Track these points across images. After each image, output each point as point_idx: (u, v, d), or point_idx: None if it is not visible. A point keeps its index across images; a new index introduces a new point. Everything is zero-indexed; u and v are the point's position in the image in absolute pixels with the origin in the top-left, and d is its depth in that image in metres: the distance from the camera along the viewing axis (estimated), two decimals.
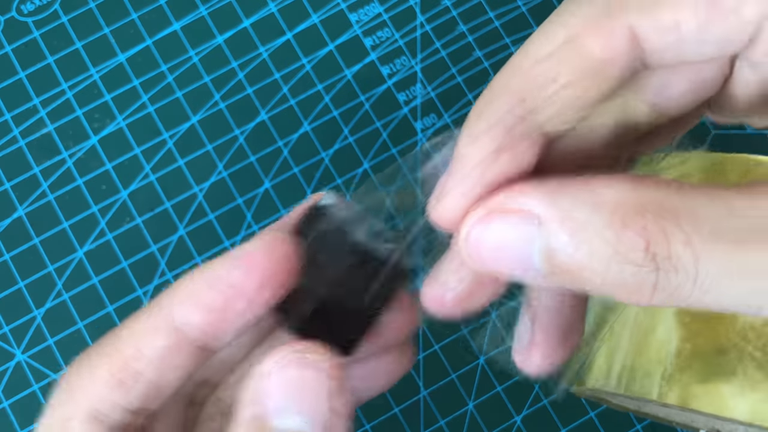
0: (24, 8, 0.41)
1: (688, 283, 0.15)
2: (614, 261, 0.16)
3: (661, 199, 0.16)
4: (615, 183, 0.16)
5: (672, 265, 0.15)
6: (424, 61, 0.41)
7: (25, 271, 0.38)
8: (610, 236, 0.16)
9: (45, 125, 0.40)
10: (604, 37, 0.17)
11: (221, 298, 0.20)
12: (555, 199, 0.16)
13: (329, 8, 0.42)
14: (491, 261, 0.17)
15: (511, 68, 0.18)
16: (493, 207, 0.17)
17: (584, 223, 0.16)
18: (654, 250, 0.15)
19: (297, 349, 0.19)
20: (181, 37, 0.41)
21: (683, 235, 0.15)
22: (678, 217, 0.15)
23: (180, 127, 0.40)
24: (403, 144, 0.40)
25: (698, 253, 0.15)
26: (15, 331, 0.38)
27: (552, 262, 0.16)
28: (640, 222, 0.15)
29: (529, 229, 0.16)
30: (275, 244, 0.20)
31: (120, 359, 0.20)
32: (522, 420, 0.37)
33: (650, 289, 0.16)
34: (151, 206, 0.39)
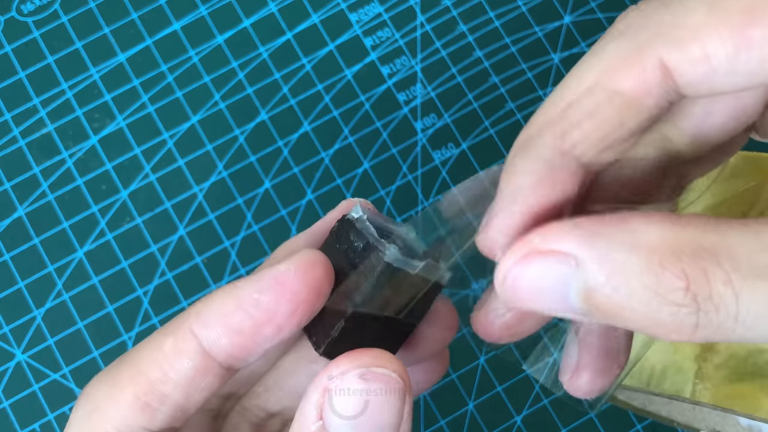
0: (24, 8, 0.41)
1: (730, 320, 0.16)
2: (654, 302, 0.16)
3: (699, 238, 0.16)
4: (651, 223, 0.16)
5: (713, 305, 0.15)
6: (424, 61, 0.41)
7: (25, 271, 0.38)
8: (648, 278, 0.16)
9: (45, 125, 0.40)
10: (636, 72, 0.17)
11: (251, 323, 0.19)
12: (591, 241, 0.16)
13: (329, 8, 0.42)
14: (529, 301, 0.17)
15: (550, 105, 0.19)
16: (529, 249, 0.17)
17: (622, 264, 0.16)
18: (694, 290, 0.15)
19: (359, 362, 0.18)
20: (181, 37, 0.41)
21: (723, 274, 0.15)
22: (717, 256, 0.16)
23: (180, 127, 0.40)
24: (403, 144, 0.40)
25: (738, 291, 0.15)
26: (15, 331, 0.38)
27: (590, 302, 0.17)
28: (678, 264, 0.16)
29: (566, 270, 0.16)
30: (310, 267, 0.19)
31: (145, 382, 0.19)
32: (522, 420, 0.37)
33: (691, 328, 0.16)
34: (151, 206, 0.39)
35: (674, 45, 0.17)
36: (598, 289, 0.16)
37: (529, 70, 0.41)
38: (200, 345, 0.19)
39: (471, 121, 0.40)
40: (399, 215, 0.39)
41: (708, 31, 0.17)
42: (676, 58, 0.17)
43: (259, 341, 0.19)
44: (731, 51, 0.16)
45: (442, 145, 0.40)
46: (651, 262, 0.16)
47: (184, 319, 0.20)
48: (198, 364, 0.19)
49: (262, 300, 0.19)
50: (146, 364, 0.20)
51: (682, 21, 0.17)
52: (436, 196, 0.40)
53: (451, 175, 0.40)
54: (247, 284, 0.19)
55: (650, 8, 0.18)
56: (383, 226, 0.21)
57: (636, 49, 0.17)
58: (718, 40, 0.16)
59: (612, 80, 0.18)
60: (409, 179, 0.40)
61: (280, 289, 0.19)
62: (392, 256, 0.19)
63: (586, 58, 0.18)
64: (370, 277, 0.19)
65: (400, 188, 0.40)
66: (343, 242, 0.20)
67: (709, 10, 0.17)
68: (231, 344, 0.19)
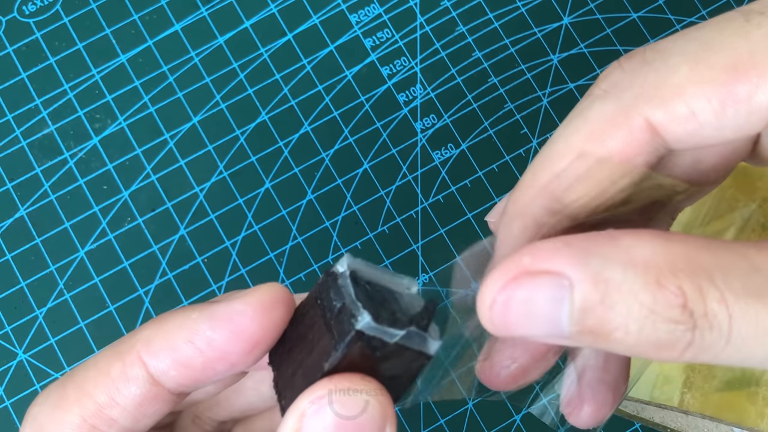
0: (26, 9, 0.42)
1: (722, 340, 0.16)
2: (649, 320, 0.15)
3: (692, 256, 0.16)
4: (643, 239, 0.16)
5: (708, 323, 0.15)
6: (423, 62, 0.41)
7: (26, 270, 0.39)
8: (645, 297, 0.15)
9: (46, 125, 0.40)
10: (623, 134, 0.17)
11: (201, 359, 0.18)
12: (585, 259, 0.16)
13: (329, 9, 0.42)
14: (517, 326, 0.17)
15: (540, 166, 0.18)
16: (519, 269, 0.16)
17: (618, 283, 0.15)
18: (692, 307, 0.15)
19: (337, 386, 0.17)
20: (182, 37, 0.41)
21: (717, 293, 0.15)
22: (711, 274, 0.15)
23: (181, 127, 0.40)
24: (403, 144, 0.40)
25: (732, 311, 0.15)
26: (17, 331, 0.38)
27: (583, 324, 0.16)
28: (675, 281, 0.15)
29: (559, 291, 0.16)
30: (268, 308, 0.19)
31: (92, 405, 0.19)
32: (521, 419, 0.37)
33: (683, 347, 0.16)
34: (152, 206, 0.39)
35: (659, 104, 0.17)
36: (592, 309, 0.16)
37: (528, 70, 0.41)
38: (148, 373, 0.19)
39: (470, 122, 0.41)
40: (399, 215, 0.39)
41: (692, 89, 0.16)
42: (663, 117, 0.17)
43: (209, 375, 0.19)
44: (717, 107, 0.16)
45: (442, 146, 0.40)
46: (648, 279, 0.15)
47: (133, 343, 0.19)
48: (146, 391, 0.19)
49: (215, 338, 0.18)
50: (93, 387, 0.19)
51: (665, 80, 0.17)
52: (435, 197, 0.40)
53: (450, 175, 0.40)
54: (201, 318, 0.18)
55: (633, 67, 0.18)
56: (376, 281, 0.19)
57: (622, 110, 0.17)
58: (704, 97, 0.16)
59: (600, 143, 0.18)
60: (409, 179, 0.40)
61: (234, 329, 0.18)
62: (365, 323, 0.17)
63: (572, 118, 0.18)
64: (341, 344, 0.17)
65: (400, 188, 0.40)
66: (323, 298, 0.19)
67: (692, 68, 0.17)
68: (180, 376, 0.19)
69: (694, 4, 0.42)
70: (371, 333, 0.17)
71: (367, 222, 0.39)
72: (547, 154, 0.19)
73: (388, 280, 0.19)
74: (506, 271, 0.16)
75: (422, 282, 0.39)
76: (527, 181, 0.19)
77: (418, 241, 0.39)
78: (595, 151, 0.18)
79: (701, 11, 0.42)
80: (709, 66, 0.16)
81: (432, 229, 0.39)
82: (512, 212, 0.19)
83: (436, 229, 0.39)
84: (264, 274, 0.39)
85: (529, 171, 0.19)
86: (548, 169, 0.18)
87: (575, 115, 0.18)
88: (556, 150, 0.18)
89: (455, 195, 0.40)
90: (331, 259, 0.39)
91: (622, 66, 0.18)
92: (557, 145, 0.18)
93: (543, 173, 0.18)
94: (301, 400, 0.18)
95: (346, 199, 0.40)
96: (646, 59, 0.18)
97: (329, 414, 0.17)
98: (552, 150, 0.19)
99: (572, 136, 0.18)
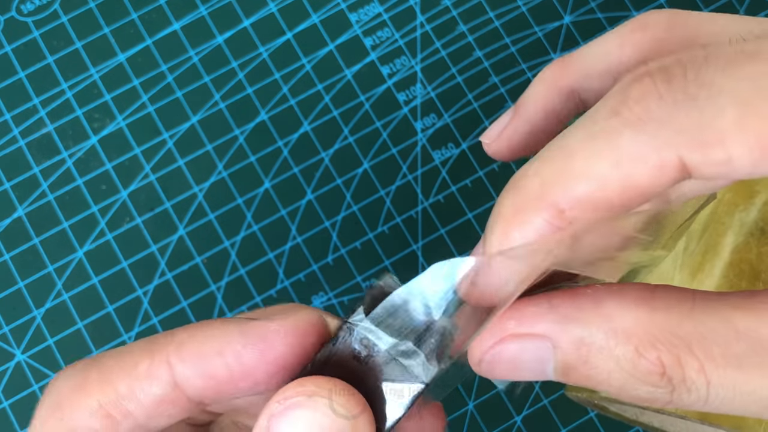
0: (24, 8, 0.41)
1: (700, 402, 0.17)
2: (630, 382, 0.17)
3: (674, 326, 0.16)
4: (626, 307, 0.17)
5: (686, 388, 0.16)
6: (424, 61, 0.41)
7: (24, 271, 0.38)
8: (625, 364, 0.16)
9: (45, 125, 0.40)
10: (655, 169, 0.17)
11: (227, 373, 0.19)
12: (568, 326, 0.17)
13: (329, 8, 0.42)
14: (506, 376, 0.18)
15: (552, 175, 0.18)
16: (504, 333, 0.18)
17: (599, 348, 0.17)
18: (670, 374, 0.16)
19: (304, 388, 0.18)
20: (181, 36, 0.41)
21: (696, 363, 0.16)
22: (690, 345, 0.16)
23: (180, 127, 0.40)
24: (403, 144, 0.40)
25: (709, 379, 0.16)
26: (15, 331, 0.38)
27: (566, 377, 0.17)
28: (654, 352, 0.16)
29: (543, 351, 0.17)
30: (302, 333, 0.19)
31: (112, 393, 0.19)
32: (522, 420, 0.37)
33: (664, 403, 0.17)
34: (151, 206, 0.39)
35: (698, 147, 0.16)
36: (575, 368, 0.17)
37: (528, 70, 0.41)
38: (173, 377, 0.19)
39: (471, 121, 0.40)
40: (399, 215, 0.39)
41: (735, 136, 0.16)
42: (699, 161, 0.16)
43: (231, 391, 0.19)
44: (757, 157, 0.16)
45: (442, 145, 0.40)
46: (627, 349, 0.16)
47: (166, 344, 0.19)
48: (166, 394, 0.19)
49: (245, 354, 0.18)
50: (117, 377, 0.19)
51: (709, 122, 0.16)
52: (436, 197, 0.40)
53: (450, 175, 0.40)
54: (235, 332, 0.19)
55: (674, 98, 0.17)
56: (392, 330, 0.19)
57: (656, 147, 0.17)
58: (746, 146, 0.16)
59: (626, 173, 0.17)
60: (409, 179, 0.40)
61: (265, 349, 0.18)
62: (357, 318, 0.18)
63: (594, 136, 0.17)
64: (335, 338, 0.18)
65: (400, 188, 0.40)
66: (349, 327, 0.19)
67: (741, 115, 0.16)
68: (203, 386, 0.19)
69: (695, 4, 0.42)
70: (362, 330, 0.18)
71: (367, 222, 0.39)
72: (562, 167, 0.18)
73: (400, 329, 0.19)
74: (492, 335, 0.18)
75: None
76: (534, 189, 0.18)
77: (418, 241, 0.39)
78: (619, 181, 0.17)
79: (702, 10, 0.42)
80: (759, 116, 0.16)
81: (432, 229, 0.39)
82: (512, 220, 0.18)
83: (436, 229, 0.39)
84: (263, 274, 0.39)
85: (537, 177, 0.18)
86: (562, 187, 0.17)
87: (599, 132, 0.17)
88: (574, 168, 0.17)
89: (455, 195, 0.40)
90: (331, 259, 0.39)
91: (659, 92, 0.17)
92: (576, 163, 0.17)
93: (555, 189, 0.17)
94: (272, 400, 0.18)
95: (346, 199, 0.39)
96: (688, 92, 0.17)
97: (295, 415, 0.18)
98: (570, 167, 0.17)
99: (596, 160, 0.17)
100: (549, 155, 0.18)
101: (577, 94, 0.23)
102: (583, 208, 0.17)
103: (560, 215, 0.17)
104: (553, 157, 0.18)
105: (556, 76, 0.23)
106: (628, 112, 0.17)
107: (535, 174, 0.18)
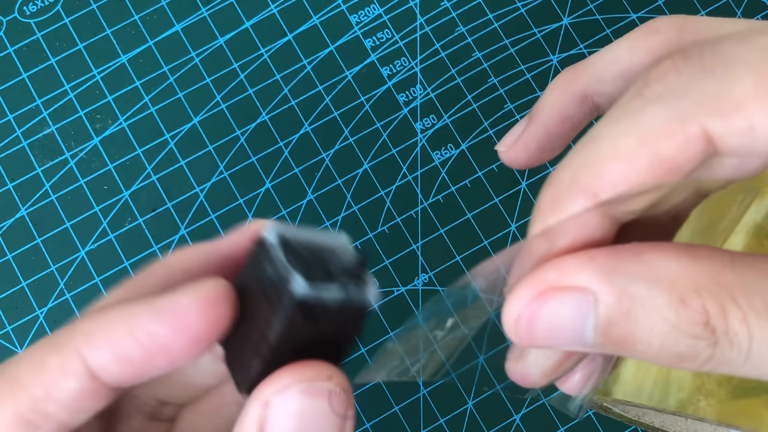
0: (26, 9, 0.42)
1: (741, 357, 0.16)
2: (672, 335, 0.16)
3: (717, 274, 0.16)
4: (668, 256, 0.16)
5: (729, 340, 0.16)
6: (423, 62, 0.41)
7: (27, 270, 0.39)
8: (669, 313, 0.16)
9: (47, 126, 0.40)
10: (679, 141, 0.17)
11: (143, 354, 0.18)
12: (610, 275, 0.16)
13: (329, 9, 0.42)
14: (543, 339, 0.17)
15: (583, 164, 0.18)
16: (545, 285, 0.17)
17: (642, 300, 0.16)
18: (714, 324, 0.16)
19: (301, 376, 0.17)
20: (182, 38, 0.41)
21: (740, 312, 0.16)
22: (734, 294, 0.16)
23: (181, 127, 0.40)
24: (403, 144, 0.40)
25: (753, 330, 0.16)
26: (17, 330, 0.38)
27: (607, 337, 0.17)
28: (699, 300, 0.16)
29: (584, 306, 0.16)
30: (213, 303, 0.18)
31: (27, 399, 0.18)
32: (521, 419, 0.37)
33: (704, 360, 0.16)
34: (152, 206, 0.39)
35: (719, 116, 0.16)
36: (616, 323, 0.16)
37: (528, 71, 0.41)
38: (87, 367, 0.18)
39: (470, 122, 0.41)
40: (399, 215, 0.40)
41: (755, 103, 0.16)
42: (721, 130, 0.17)
43: (150, 370, 0.18)
44: None
45: (442, 146, 0.40)
46: (672, 297, 0.16)
47: (71, 336, 0.18)
48: (84, 386, 0.18)
49: (159, 333, 0.18)
50: (28, 381, 0.18)
51: (727, 91, 0.16)
52: (435, 197, 0.40)
53: (450, 175, 0.40)
54: (145, 312, 0.18)
55: (691, 71, 0.17)
56: (310, 244, 0.19)
57: (678, 119, 0.17)
58: (766, 113, 0.16)
59: (652, 149, 0.17)
60: (409, 179, 0.40)
61: (178, 325, 0.18)
62: (300, 287, 0.17)
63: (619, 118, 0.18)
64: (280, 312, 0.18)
65: (400, 188, 0.40)
66: (257, 269, 0.18)
67: (757, 81, 0.16)
68: (120, 371, 0.18)
69: (693, 5, 0.42)
70: (308, 295, 0.17)
71: (367, 222, 0.39)
72: (590, 152, 0.18)
73: (323, 241, 0.19)
74: (532, 287, 0.17)
75: (422, 282, 0.39)
76: (566, 179, 0.18)
77: (418, 241, 0.39)
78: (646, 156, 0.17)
79: (701, 12, 0.42)
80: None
81: (432, 229, 0.39)
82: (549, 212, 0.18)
83: (436, 229, 0.39)
84: None
85: (568, 168, 0.18)
86: (593, 170, 0.18)
87: (623, 114, 0.18)
88: (602, 151, 0.18)
89: (455, 195, 0.40)
90: None
91: (678, 68, 0.17)
92: (603, 146, 0.18)
93: (587, 174, 0.18)
94: (264, 388, 0.18)
95: (346, 199, 0.40)
96: (705, 64, 0.17)
97: (294, 403, 0.17)
98: (597, 150, 0.18)
99: (621, 139, 0.17)
100: (579, 146, 0.18)
101: (590, 98, 0.23)
102: (616, 190, 0.17)
103: (595, 199, 0.17)
104: (582, 147, 0.18)
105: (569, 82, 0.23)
106: (649, 90, 0.18)
107: (566, 166, 0.18)
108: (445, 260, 0.39)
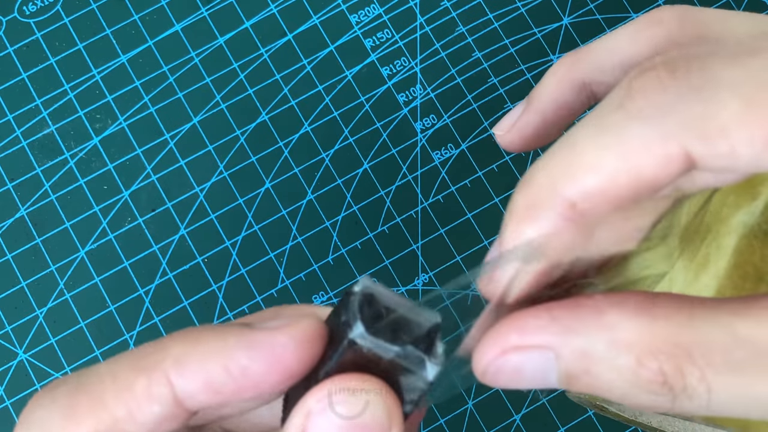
0: (26, 9, 0.42)
1: (702, 408, 0.17)
2: (632, 390, 0.17)
3: (674, 335, 0.17)
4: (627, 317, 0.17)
5: (687, 396, 0.17)
6: (423, 62, 0.41)
7: (27, 270, 0.39)
8: (627, 374, 0.17)
9: (47, 126, 0.40)
10: (660, 161, 0.17)
11: (233, 385, 0.18)
12: (569, 337, 0.17)
13: (329, 9, 0.42)
14: (510, 385, 0.18)
15: (561, 173, 0.18)
16: (506, 346, 0.18)
17: (600, 359, 0.17)
18: (671, 383, 0.17)
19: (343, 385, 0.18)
20: (182, 37, 0.41)
21: (698, 371, 0.16)
22: (691, 353, 0.16)
23: (181, 127, 0.40)
24: (403, 144, 0.40)
25: (710, 386, 0.16)
26: (17, 331, 0.38)
27: (569, 386, 0.18)
28: (655, 362, 0.16)
29: (546, 362, 0.17)
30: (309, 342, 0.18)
31: (109, 417, 0.18)
32: (521, 419, 0.37)
33: (666, 409, 0.17)
34: (152, 206, 0.39)
35: (702, 139, 0.17)
36: (578, 377, 0.17)
37: (528, 71, 0.41)
38: (174, 393, 0.18)
39: (470, 122, 0.41)
40: (399, 215, 0.40)
41: (739, 129, 0.16)
42: (703, 152, 0.17)
43: (236, 402, 0.18)
44: (760, 149, 0.16)
45: (442, 146, 0.40)
46: (629, 359, 0.17)
47: (160, 359, 0.18)
48: (168, 411, 0.18)
49: (252, 368, 0.18)
50: (112, 400, 0.18)
51: (713, 114, 0.16)
52: (435, 197, 0.40)
53: (450, 175, 0.40)
54: (240, 345, 0.18)
55: (677, 90, 0.17)
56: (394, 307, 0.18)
57: (661, 138, 0.17)
58: (749, 139, 0.16)
59: (633, 166, 0.17)
60: (409, 179, 0.40)
61: (273, 362, 0.18)
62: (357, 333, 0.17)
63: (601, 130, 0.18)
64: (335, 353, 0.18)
65: (400, 188, 0.40)
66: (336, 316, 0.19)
67: (742, 107, 0.16)
68: (206, 399, 0.18)
69: (693, 4, 0.42)
70: (364, 344, 0.18)
71: (367, 222, 0.39)
72: (570, 161, 0.18)
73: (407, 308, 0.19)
74: (495, 346, 0.18)
75: (422, 282, 0.39)
76: (543, 184, 0.18)
77: (418, 241, 0.39)
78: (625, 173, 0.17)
79: None
80: (762, 106, 0.16)
81: (432, 229, 0.39)
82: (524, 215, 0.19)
83: (436, 229, 0.39)
84: (264, 273, 0.39)
85: (545, 171, 0.18)
86: (570, 180, 0.18)
87: (605, 128, 0.18)
88: (583, 162, 0.18)
89: (455, 195, 0.40)
90: (331, 259, 0.39)
91: (663, 84, 0.17)
92: (584, 157, 0.18)
93: (565, 183, 0.18)
94: (307, 398, 0.18)
95: (346, 199, 0.40)
96: (692, 84, 0.17)
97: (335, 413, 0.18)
98: (579, 161, 0.18)
99: (603, 152, 0.17)
100: (557, 150, 0.18)
101: (588, 87, 0.23)
102: (594, 201, 0.18)
103: (572, 208, 0.18)
104: (561, 152, 0.18)
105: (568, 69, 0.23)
106: (633, 104, 0.17)
107: (544, 169, 0.18)
108: (445, 260, 0.39)
